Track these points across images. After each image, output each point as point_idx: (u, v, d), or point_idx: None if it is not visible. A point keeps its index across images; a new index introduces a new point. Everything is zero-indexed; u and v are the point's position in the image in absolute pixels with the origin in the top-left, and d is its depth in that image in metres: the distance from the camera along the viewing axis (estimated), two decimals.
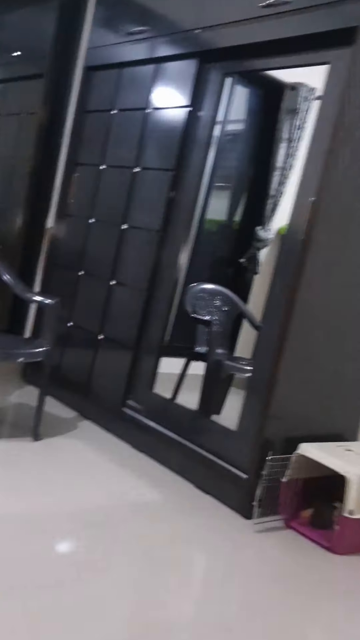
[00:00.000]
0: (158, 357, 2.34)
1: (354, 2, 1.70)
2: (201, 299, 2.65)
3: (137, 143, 2.45)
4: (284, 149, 2.62)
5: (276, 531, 1.82)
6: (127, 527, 1.65)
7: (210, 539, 1.69)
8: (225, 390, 2.59)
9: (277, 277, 1.91)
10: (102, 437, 2.35)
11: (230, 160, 2.81)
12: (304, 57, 1.89)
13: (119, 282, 2.47)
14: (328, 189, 1.75)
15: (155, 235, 2.34)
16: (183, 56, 2.27)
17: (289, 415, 1.90)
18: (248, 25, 2.00)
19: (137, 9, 2.51)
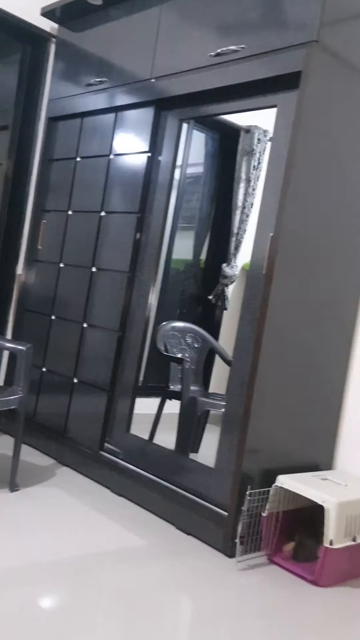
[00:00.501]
0: (133, 397, 2.34)
1: (297, 49, 1.80)
2: (172, 337, 2.67)
3: (102, 188, 2.51)
4: (243, 189, 2.72)
5: (260, 567, 1.80)
6: (110, 576, 1.61)
7: (194, 582, 1.65)
8: (202, 427, 2.58)
9: (244, 311, 1.95)
10: (80, 483, 2.31)
11: (192, 202, 2.89)
12: (254, 101, 1.99)
13: (90, 325, 2.48)
14: (285, 224, 1.81)
15: (124, 277, 2.37)
16: (141, 104, 2.36)
17: (265, 448, 1.90)
18: (200, 74, 2.10)
19: (94, 61, 2.61)
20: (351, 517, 1.74)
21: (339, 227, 1.99)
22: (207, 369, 2.75)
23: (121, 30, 2.48)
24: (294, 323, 1.91)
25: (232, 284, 2.82)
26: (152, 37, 2.33)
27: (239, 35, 1.99)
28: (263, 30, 1.91)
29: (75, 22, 2.72)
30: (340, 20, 1.82)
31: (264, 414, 1.87)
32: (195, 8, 2.17)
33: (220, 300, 2.86)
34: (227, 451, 1.93)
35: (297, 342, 1.93)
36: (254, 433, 1.85)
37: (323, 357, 2.03)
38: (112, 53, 2.52)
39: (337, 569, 1.74)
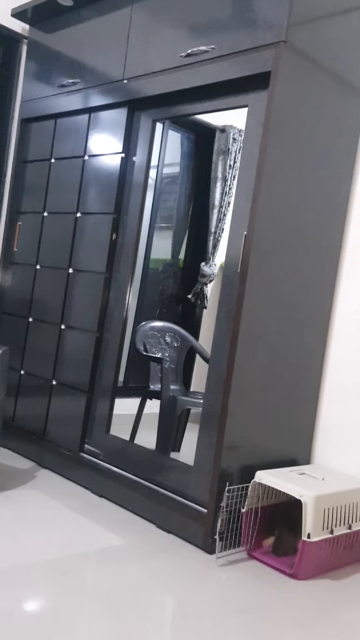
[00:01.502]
0: (113, 398, 2.34)
1: (266, 49, 1.82)
2: (152, 337, 2.68)
3: (77, 189, 2.50)
4: (220, 188, 2.73)
5: (239, 563, 1.81)
6: (92, 577, 1.62)
7: (175, 579, 1.66)
8: (183, 426, 2.59)
9: (221, 309, 1.97)
10: (61, 485, 2.30)
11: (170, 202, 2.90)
12: (226, 101, 2.00)
13: (68, 326, 2.48)
14: (259, 222, 1.83)
15: (101, 278, 2.37)
16: (114, 105, 2.37)
17: (243, 445, 1.92)
18: (171, 74, 2.11)
19: (66, 62, 2.60)
20: (328, 511, 1.77)
21: (312, 224, 2.02)
22: (188, 367, 2.76)
23: (92, 31, 2.48)
24: (269, 320, 1.93)
25: (211, 283, 2.83)
26: (124, 38, 2.33)
27: (209, 36, 2.00)
28: (232, 30, 1.93)
29: (46, 23, 2.72)
30: (307, 21, 1.84)
31: (241, 410, 1.89)
32: (165, 8, 2.18)
33: (199, 299, 2.87)
34: (205, 449, 1.94)
35: (273, 338, 1.95)
36: (232, 430, 1.87)
37: (299, 353, 2.06)
38: (84, 54, 2.52)
39: (315, 562, 1.76)
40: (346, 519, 1.83)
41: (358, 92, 2.09)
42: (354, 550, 1.90)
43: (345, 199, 2.13)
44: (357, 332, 2.09)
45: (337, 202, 2.10)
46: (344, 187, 2.12)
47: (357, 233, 2.12)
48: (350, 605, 1.64)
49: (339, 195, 2.10)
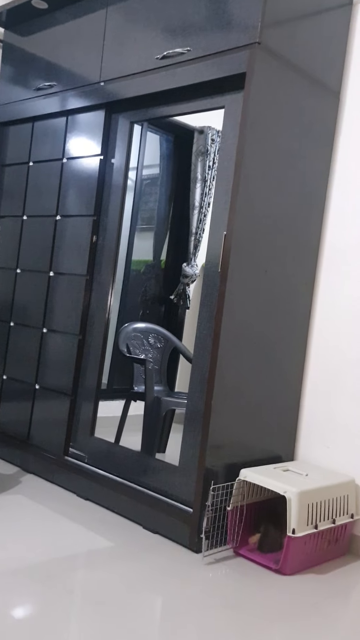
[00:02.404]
0: (97, 401, 2.34)
1: (241, 50, 1.84)
2: (135, 339, 2.68)
3: (56, 192, 2.50)
4: (200, 189, 2.75)
5: (226, 561, 1.82)
6: (79, 579, 1.61)
7: (161, 579, 1.67)
8: (168, 427, 2.60)
9: (202, 309, 1.98)
10: (46, 489, 2.29)
11: (150, 203, 2.91)
12: (203, 102, 2.01)
13: (50, 330, 2.47)
14: (238, 222, 1.84)
15: (82, 280, 2.37)
16: (91, 108, 2.37)
17: (228, 443, 1.93)
18: (147, 76, 2.12)
19: (42, 65, 2.60)
20: (312, 506, 1.79)
21: (290, 223, 2.04)
22: (172, 368, 2.77)
23: (68, 34, 2.48)
24: (251, 319, 1.94)
25: (193, 283, 2.84)
26: (99, 41, 2.33)
27: (184, 38, 2.02)
28: (207, 32, 1.94)
29: (21, 26, 2.71)
30: (281, 22, 1.87)
31: (225, 409, 1.90)
32: (140, 11, 2.19)
33: (182, 300, 2.88)
34: (190, 448, 1.95)
35: (254, 337, 1.97)
36: (216, 429, 1.88)
37: (281, 351, 2.08)
38: (60, 57, 2.52)
39: (300, 557, 1.78)
40: (330, 514, 1.85)
41: (332, 92, 2.12)
42: (338, 544, 1.92)
43: (322, 197, 2.16)
44: (337, 328, 2.12)
45: (315, 200, 2.13)
46: (321, 185, 2.14)
47: (335, 231, 2.15)
48: (335, 599, 1.66)
49: (316, 194, 2.13)
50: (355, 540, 2.00)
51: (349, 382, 2.07)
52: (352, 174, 2.12)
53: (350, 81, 2.14)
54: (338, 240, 2.14)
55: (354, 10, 2.14)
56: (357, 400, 2.05)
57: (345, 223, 2.12)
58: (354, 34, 2.14)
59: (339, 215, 2.14)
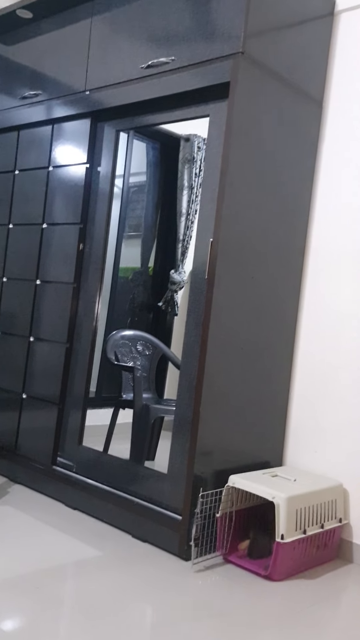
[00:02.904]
0: (84, 409, 2.33)
1: (224, 60, 1.86)
2: (123, 346, 2.68)
3: (43, 200, 2.50)
4: (187, 196, 2.76)
5: (215, 568, 1.82)
6: (68, 590, 1.60)
7: (151, 588, 1.66)
8: (157, 434, 2.59)
9: (190, 316, 1.98)
10: (34, 499, 2.28)
11: (137, 210, 2.92)
12: (188, 111, 2.03)
13: (37, 338, 2.46)
14: (224, 228, 1.85)
15: (69, 288, 2.36)
16: (77, 116, 2.37)
17: (216, 450, 1.93)
18: (132, 85, 2.13)
19: (28, 74, 2.60)
20: (301, 511, 1.79)
21: (275, 229, 2.05)
22: (161, 375, 2.77)
23: (53, 43, 2.49)
24: (238, 325, 1.95)
25: (181, 290, 2.85)
26: (84, 50, 2.34)
27: (169, 47, 2.03)
28: (191, 42, 1.96)
29: (6, 35, 2.71)
30: (263, 32, 1.89)
31: (213, 416, 1.90)
32: (124, 21, 2.20)
33: (170, 307, 2.88)
34: (179, 455, 1.95)
35: (242, 343, 1.97)
36: (205, 436, 1.88)
37: (268, 357, 2.09)
38: (45, 66, 2.52)
39: (289, 563, 1.78)
40: (318, 519, 1.86)
41: (315, 100, 2.14)
42: (327, 549, 1.93)
43: (306, 203, 2.18)
44: (323, 334, 2.13)
45: (299, 207, 2.14)
46: (305, 192, 2.16)
47: (319, 237, 2.17)
48: (325, 604, 1.66)
49: (300, 201, 2.15)
50: (344, 545, 2.01)
51: (335, 387, 2.09)
52: (335, 181, 2.14)
53: (333, 90, 2.17)
54: (323, 246, 2.16)
55: (335, 21, 2.17)
56: (343, 405, 2.06)
57: (330, 229, 2.14)
58: (335, 43, 2.17)
59: (323, 222, 2.16)
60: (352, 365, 2.05)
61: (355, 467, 2.02)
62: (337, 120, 2.15)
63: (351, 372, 2.05)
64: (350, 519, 2.01)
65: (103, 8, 2.29)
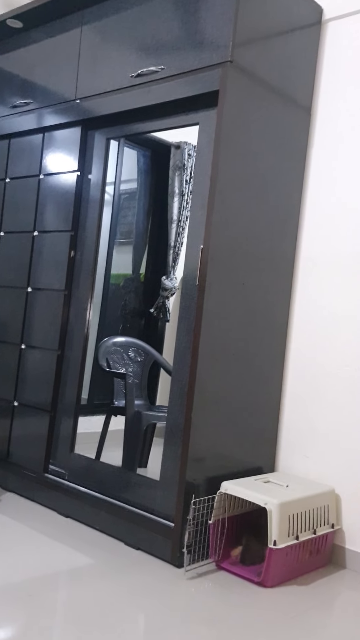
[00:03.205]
0: (76, 416, 2.32)
1: (213, 69, 1.87)
2: (115, 353, 2.68)
3: (34, 208, 2.50)
4: (178, 203, 2.77)
5: (208, 574, 1.82)
6: (61, 597, 1.59)
7: (144, 596, 1.66)
8: (149, 441, 2.59)
9: (181, 322, 1.99)
10: (26, 507, 2.26)
11: (129, 217, 2.92)
12: (178, 119, 2.04)
13: (29, 346, 2.46)
14: (214, 235, 1.86)
15: (60, 295, 2.36)
16: (67, 124, 2.38)
17: (208, 456, 1.93)
18: (123, 94, 2.14)
19: (18, 83, 2.61)
20: (293, 517, 1.79)
21: (266, 235, 2.07)
22: (153, 382, 2.77)
23: (43, 52, 2.50)
24: (229, 331, 1.96)
25: (172, 296, 2.85)
26: (74, 59, 2.36)
27: (158, 57, 2.05)
28: (180, 51, 1.98)
29: None
30: (252, 41, 1.91)
31: (205, 422, 1.91)
32: (114, 30, 2.22)
33: (161, 313, 2.89)
34: (171, 462, 1.95)
35: (233, 349, 1.98)
36: (196, 442, 1.88)
37: (259, 363, 2.09)
38: (35, 75, 2.53)
39: (282, 569, 1.78)
40: (311, 524, 1.86)
41: (303, 107, 2.16)
42: (320, 555, 1.93)
43: (296, 209, 2.19)
44: (314, 339, 2.14)
45: (289, 213, 2.16)
46: (295, 198, 2.18)
47: (309, 242, 2.18)
48: (318, 610, 1.66)
49: (290, 207, 2.16)
50: (337, 551, 2.01)
51: (326, 392, 2.10)
52: (324, 187, 2.16)
53: (321, 97, 2.19)
54: (313, 250, 2.17)
55: (322, 30, 2.20)
56: (334, 410, 2.07)
57: (319, 235, 2.16)
58: (322, 51, 2.20)
59: (312, 227, 2.18)
60: (343, 370, 2.06)
61: (347, 472, 2.02)
62: (325, 127, 2.17)
63: (343, 376, 2.06)
64: (342, 525, 2.02)
65: (93, 17, 2.31)
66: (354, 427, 2.02)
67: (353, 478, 2.00)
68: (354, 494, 2.00)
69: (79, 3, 2.31)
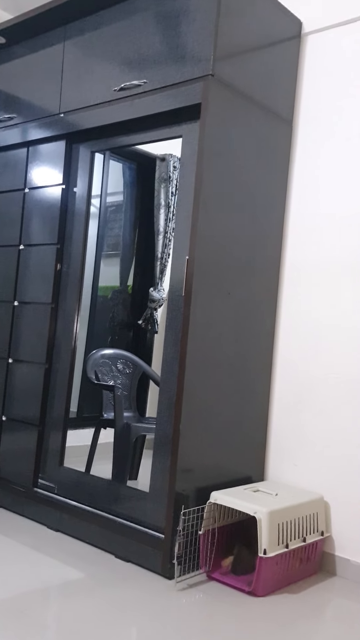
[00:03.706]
0: (65, 430, 2.31)
1: (195, 82, 1.90)
2: (103, 365, 2.68)
3: (19, 222, 2.50)
4: (164, 214, 2.79)
5: (199, 585, 1.81)
6: (52, 613, 1.58)
7: (135, 608, 1.64)
8: (139, 453, 2.58)
9: (168, 333, 1.99)
10: (15, 523, 2.24)
11: (115, 229, 2.94)
12: (161, 132, 2.07)
13: (16, 360, 2.45)
14: (199, 245, 1.88)
15: (47, 308, 2.36)
16: (52, 138, 2.40)
17: (198, 467, 1.93)
18: (106, 107, 2.16)
19: (2, 97, 2.63)
20: (283, 525, 1.79)
21: (250, 245, 2.08)
22: (142, 393, 2.76)
23: (27, 67, 2.52)
24: (216, 340, 1.97)
25: (160, 308, 2.86)
26: (58, 74, 2.38)
27: (141, 70, 2.07)
28: (162, 65, 2.01)
29: None
30: (232, 55, 1.94)
31: (193, 432, 1.91)
32: (97, 45, 2.24)
33: (150, 324, 2.89)
34: (160, 473, 1.94)
35: (220, 358, 1.99)
36: (185, 452, 1.88)
37: (247, 372, 2.10)
38: (19, 89, 2.55)
39: (273, 577, 1.78)
40: (301, 532, 1.86)
41: (284, 120, 2.20)
42: (310, 563, 1.93)
43: (280, 219, 2.22)
44: (300, 347, 2.16)
45: (273, 222, 2.18)
46: (279, 208, 2.21)
47: (294, 251, 2.21)
48: (308, 618, 1.66)
49: (274, 216, 2.19)
50: (327, 558, 2.01)
51: (314, 401, 2.11)
52: (307, 196, 2.19)
53: (302, 109, 2.23)
54: (297, 260, 2.20)
55: (302, 43, 2.24)
56: (322, 418, 2.08)
57: (303, 243, 2.18)
58: (303, 64, 2.24)
59: (297, 236, 2.20)
60: (330, 377, 2.08)
61: (335, 479, 2.03)
62: (307, 137, 2.20)
63: (330, 383, 2.07)
64: (332, 532, 2.02)
65: (75, 32, 2.33)
66: (342, 435, 2.03)
67: (341, 485, 2.01)
68: (343, 501, 2.00)
69: (61, 18, 2.34)
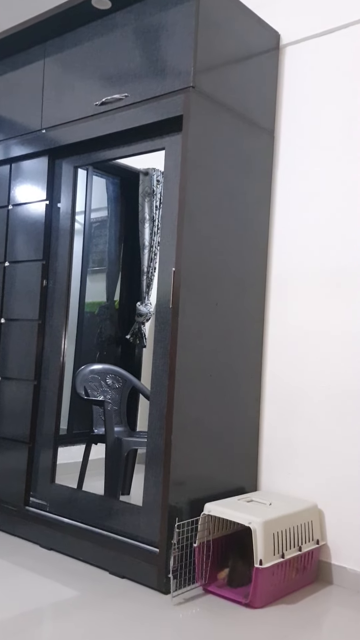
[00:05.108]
0: (56, 447, 2.29)
1: (176, 94, 1.92)
2: (92, 380, 2.66)
3: (4, 239, 2.50)
4: (149, 228, 2.79)
5: (195, 599, 1.78)
6: (47, 633, 1.54)
7: (131, 625, 1.61)
8: (131, 468, 2.56)
9: (157, 346, 1.99)
10: (7, 543, 2.20)
11: (100, 245, 2.94)
12: (144, 145, 2.08)
13: (4, 377, 2.42)
14: (185, 258, 1.88)
15: (34, 325, 2.35)
16: (34, 154, 2.40)
17: (190, 479, 1.91)
18: (88, 122, 2.18)
19: None
20: (278, 535, 1.78)
21: (236, 256, 2.09)
22: (133, 408, 2.74)
23: (7, 85, 2.53)
24: (205, 352, 1.96)
25: (148, 322, 2.85)
26: (39, 90, 2.39)
27: (121, 84, 2.09)
28: (143, 78, 2.03)
29: None
30: (213, 67, 1.96)
31: (185, 444, 1.89)
32: (77, 60, 2.26)
33: (138, 339, 2.88)
34: (153, 487, 1.92)
35: (210, 370, 1.98)
36: (178, 465, 1.87)
37: (236, 382, 2.10)
38: (0, 107, 2.56)
39: (270, 588, 1.76)
40: (296, 541, 1.85)
41: (266, 130, 2.22)
42: (306, 572, 1.91)
43: (265, 230, 2.23)
44: (288, 356, 2.16)
45: (258, 233, 2.20)
46: (263, 219, 2.22)
47: (279, 261, 2.22)
48: (306, 629, 1.64)
49: (259, 227, 2.20)
50: (323, 567, 2.00)
51: (304, 409, 2.11)
52: (291, 206, 2.21)
53: (283, 120, 2.26)
54: (283, 270, 2.21)
55: (280, 54, 2.28)
56: (313, 427, 2.08)
57: (289, 253, 2.20)
58: (282, 76, 2.27)
59: (282, 246, 2.22)
60: (320, 385, 2.08)
61: (328, 486, 2.02)
62: (288, 147, 2.23)
63: (319, 391, 2.08)
64: (327, 540, 2.01)
65: (55, 49, 2.35)
66: (332, 442, 2.03)
67: (334, 492, 2.00)
68: (336, 508, 1.99)
69: (40, 36, 2.36)
